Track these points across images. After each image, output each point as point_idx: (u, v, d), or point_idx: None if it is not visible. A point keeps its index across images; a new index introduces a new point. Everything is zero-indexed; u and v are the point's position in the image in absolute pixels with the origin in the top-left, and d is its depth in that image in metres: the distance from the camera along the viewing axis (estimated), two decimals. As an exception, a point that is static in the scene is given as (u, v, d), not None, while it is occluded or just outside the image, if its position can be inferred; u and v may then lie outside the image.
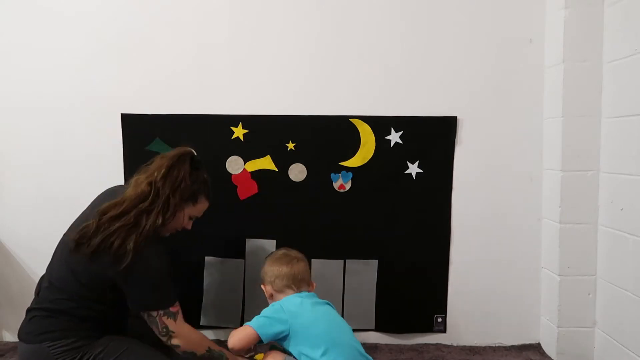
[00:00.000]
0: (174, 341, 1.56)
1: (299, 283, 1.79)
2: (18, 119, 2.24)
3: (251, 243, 2.23)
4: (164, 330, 1.54)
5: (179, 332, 1.56)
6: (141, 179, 1.60)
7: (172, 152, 1.67)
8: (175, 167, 1.61)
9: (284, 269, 1.79)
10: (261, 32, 2.18)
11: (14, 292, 2.24)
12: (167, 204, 1.56)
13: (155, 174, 1.59)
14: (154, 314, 1.53)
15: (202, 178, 1.69)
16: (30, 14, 2.21)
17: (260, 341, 1.67)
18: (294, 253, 1.87)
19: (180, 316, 1.58)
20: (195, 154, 1.73)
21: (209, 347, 1.64)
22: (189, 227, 1.76)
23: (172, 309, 1.55)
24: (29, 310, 1.60)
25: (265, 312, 1.72)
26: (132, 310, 1.57)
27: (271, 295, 1.82)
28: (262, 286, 1.86)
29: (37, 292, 1.63)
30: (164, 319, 1.53)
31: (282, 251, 1.89)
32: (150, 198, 1.55)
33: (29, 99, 2.23)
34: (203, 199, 1.71)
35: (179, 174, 1.60)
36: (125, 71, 2.20)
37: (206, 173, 1.73)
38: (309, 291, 1.81)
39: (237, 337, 1.66)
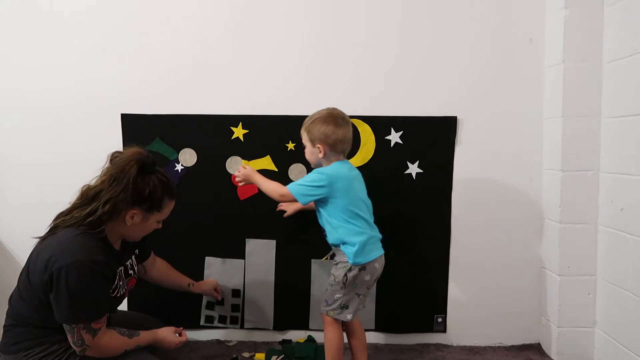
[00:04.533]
0: (88, 353, 1.50)
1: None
2: (18, 119, 2.24)
3: (251, 243, 2.24)
4: (79, 342, 1.47)
5: (96, 346, 1.49)
6: (85, 187, 1.57)
7: (120, 161, 1.55)
8: (118, 179, 1.51)
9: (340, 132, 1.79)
10: (261, 32, 2.19)
11: (14, 292, 2.24)
12: (97, 209, 1.50)
13: (99, 182, 1.54)
14: (73, 325, 1.46)
15: (157, 182, 1.57)
16: (30, 13, 2.21)
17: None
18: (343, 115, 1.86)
19: (101, 331, 1.50)
20: (147, 155, 1.60)
21: (124, 350, 1.58)
22: (160, 227, 1.68)
23: (94, 325, 1.47)
24: (5, 322, 1.58)
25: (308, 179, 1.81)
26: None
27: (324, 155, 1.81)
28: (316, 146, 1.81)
29: (9, 301, 1.60)
30: (82, 332, 1.46)
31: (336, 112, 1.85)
32: (87, 200, 1.53)
33: (29, 99, 2.23)
34: (167, 202, 1.61)
35: (121, 185, 1.50)
36: (125, 71, 2.21)
37: (161, 173, 1.61)
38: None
39: (273, 191, 1.85)
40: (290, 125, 2.16)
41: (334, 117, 1.80)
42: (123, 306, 1.94)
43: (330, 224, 1.80)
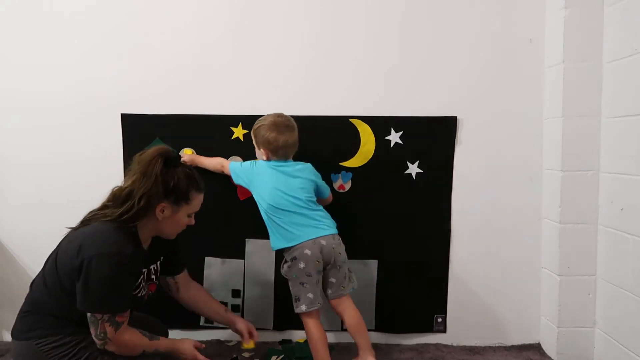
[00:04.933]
0: (108, 347, 1.52)
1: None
2: (18, 119, 2.24)
3: (251, 243, 2.23)
4: (102, 334, 1.49)
5: (117, 340, 1.51)
6: (116, 189, 1.62)
7: (145, 157, 1.61)
8: (147, 174, 1.57)
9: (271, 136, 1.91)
10: (261, 32, 2.19)
11: (14, 292, 2.23)
12: (132, 207, 1.54)
13: (130, 182, 1.58)
14: (98, 316, 1.48)
15: (181, 175, 1.62)
16: (30, 13, 2.21)
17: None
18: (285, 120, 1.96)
19: (124, 326, 1.53)
20: (170, 149, 1.66)
21: (143, 351, 1.60)
22: (192, 222, 1.74)
23: (118, 318, 1.51)
24: (22, 307, 1.61)
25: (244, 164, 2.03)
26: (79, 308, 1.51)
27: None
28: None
29: (30, 286, 1.63)
30: (106, 324, 1.49)
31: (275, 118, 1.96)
32: (119, 200, 1.57)
33: (29, 99, 2.23)
34: (194, 194, 1.66)
35: (151, 179, 1.56)
36: (125, 71, 2.20)
37: (186, 166, 1.69)
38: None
39: (217, 163, 2.08)
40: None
41: (277, 125, 1.91)
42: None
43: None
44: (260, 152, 1.97)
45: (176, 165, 1.64)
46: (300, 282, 1.86)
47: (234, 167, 2.02)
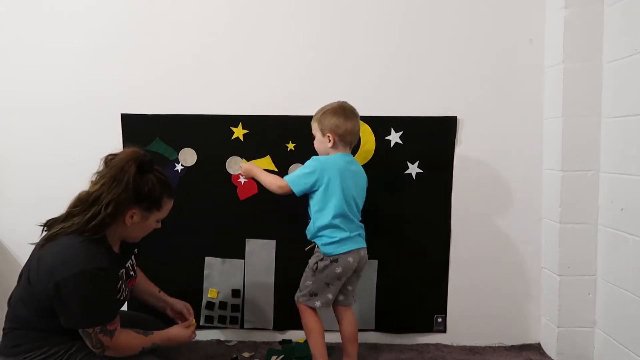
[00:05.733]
0: (108, 353, 1.50)
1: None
2: (18, 119, 2.24)
3: (251, 243, 2.23)
4: (98, 344, 1.48)
5: (115, 346, 1.50)
6: (82, 193, 1.55)
7: (117, 161, 1.53)
8: (118, 179, 1.49)
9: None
10: (261, 32, 2.19)
11: (14, 292, 2.24)
12: (99, 213, 1.48)
13: (98, 186, 1.51)
14: (89, 330, 1.46)
15: (155, 181, 1.55)
16: (30, 13, 2.21)
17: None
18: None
19: (117, 332, 1.50)
20: (144, 154, 1.58)
21: (142, 348, 1.59)
22: (159, 226, 1.66)
23: (109, 327, 1.48)
24: (4, 324, 1.57)
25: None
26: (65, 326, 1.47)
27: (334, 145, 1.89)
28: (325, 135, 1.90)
29: (8, 302, 1.59)
30: (100, 335, 1.47)
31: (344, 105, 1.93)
32: (85, 205, 1.50)
33: (29, 99, 2.23)
34: (166, 201, 1.60)
35: (122, 185, 1.49)
36: (125, 71, 2.20)
37: (159, 171, 1.59)
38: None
39: (271, 184, 1.95)
40: (290, 125, 2.17)
41: (344, 109, 1.89)
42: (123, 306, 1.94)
43: (313, 212, 1.87)
44: (323, 140, 1.88)
45: (150, 170, 1.56)
46: (326, 282, 1.86)
47: (292, 178, 1.88)
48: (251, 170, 2.06)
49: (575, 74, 2.02)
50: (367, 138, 2.18)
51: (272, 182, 1.94)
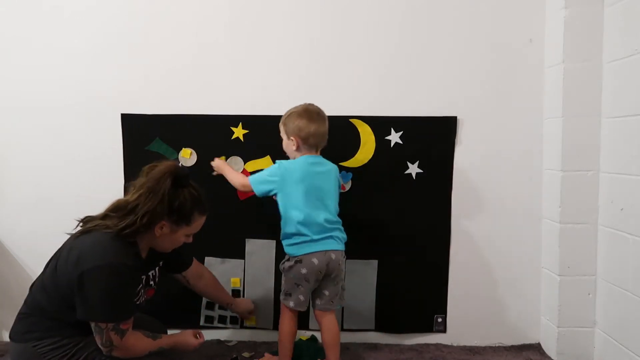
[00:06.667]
0: (115, 353, 1.52)
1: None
2: (18, 119, 2.24)
3: (251, 243, 2.23)
4: (108, 342, 1.50)
5: (123, 346, 1.52)
6: (121, 201, 1.59)
7: (155, 173, 1.58)
8: (155, 191, 1.54)
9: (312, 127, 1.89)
10: (261, 32, 2.19)
11: (14, 292, 2.24)
12: (135, 223, 1.53)
13: (136, 196, 1.55)
14: (102, 325, 1.49)
15: (188, 196, 1.60)
16: (30, 13, 2.21)
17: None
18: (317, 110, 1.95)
19: (128, 332, 1.53)
20: (182, 168, 1.64)
21: (148, 352, 1.61)
22: (190, 241, 1.71)
23: (122, 326, 1.51)
24: (20, 309, 1.61)
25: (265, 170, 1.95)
26: (79, 317, 1.50)
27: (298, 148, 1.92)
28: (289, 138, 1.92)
29: (30, 288, 1.63)
30: (111, 333, 1.49)
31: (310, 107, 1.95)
32: (123, 212, 1.54)
33: (29, 99, 2.23)
34: (196, 217, 1.64)
35: (158, 197, 1.54)
36: (125, 71, 2.20)
37: (194, 187, 1.64)
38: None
39: (236, 181, 2.00)
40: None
41: (308, 112, 1.90)
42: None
43: (281, 215, 1.90)
44: (289, 142, 1.91)
45: (185, 185, 1.61)
46: (296, 282, 1.87)
47: (254, 178, 1.93)
48: (219, 167, 2.09)
49: (575, 74, 2.02)
50: (367, 138, 2.18)
51: (237, 180, 2.00)
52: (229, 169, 2.09)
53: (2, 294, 2.27)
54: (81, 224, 1.60)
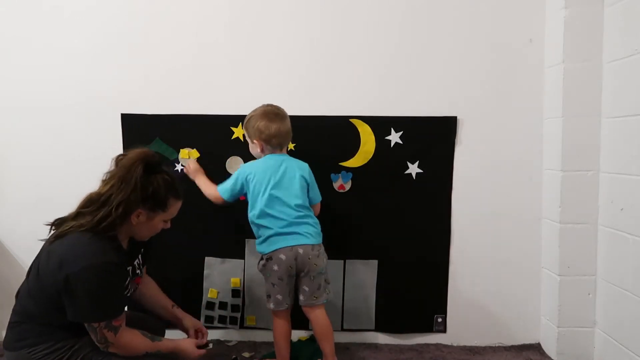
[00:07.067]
0: (111, 349, 1.52)
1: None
2: (18, 119, 2.24)
3: (251, 243, 2.23)
4: (102, 340, 1.50)
5: (118, 343, 1.52)
6: (93, 194, 1.56)
7: (125, 161, 1.55)
8: (126, 180, 1.51)
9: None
10: (261, 32, 2.19)
11: (14, 292, 2.22)
12: (110, 214, 1.50)
13: (107, 187, 1.53)
14: (95, 325, 1.48)
15: (161, 181, 1.56)
16: (30, 13, 2.21)
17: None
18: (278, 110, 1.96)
19: (122, 328, 1.52)
20: (152, 154, 1.60)
21: (146, 352, 1.60)
22: (168, 226, 1.68)
23: (114, 323, 1.50)
24: (10, 318, 1.59)
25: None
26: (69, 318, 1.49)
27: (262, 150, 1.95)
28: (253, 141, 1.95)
29: (16, 296, 1.61)
30: (104, 331, 1.49)
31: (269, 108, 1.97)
32: (96, 206, 1.52)
33: (29, 99, 2.23)
34: (172, 202, 1.61)
35: (130, 185, 1.51)
36: (125, 71, 2.20)
37: (167, 173, 1.61)
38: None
39: (207, 192, 2.02)
40: (290, 125, 2.16)
41: (267, 113, 1.92)
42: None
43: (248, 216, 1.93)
44: (253, 146, 1.95)
45: (157, 171, 1.58)
46: (271, 282, 1.89)
47: (222, 187, 1.97)
48: (194, 174, 2.10)
49: (575, 74, 2.02)
50: (367, 138, 2.18)
51: (208, 191, 2.02)
52: (204, 179, 2.08)
53: (2, 294, 2.27)
54: (53, 227, 1.56)
